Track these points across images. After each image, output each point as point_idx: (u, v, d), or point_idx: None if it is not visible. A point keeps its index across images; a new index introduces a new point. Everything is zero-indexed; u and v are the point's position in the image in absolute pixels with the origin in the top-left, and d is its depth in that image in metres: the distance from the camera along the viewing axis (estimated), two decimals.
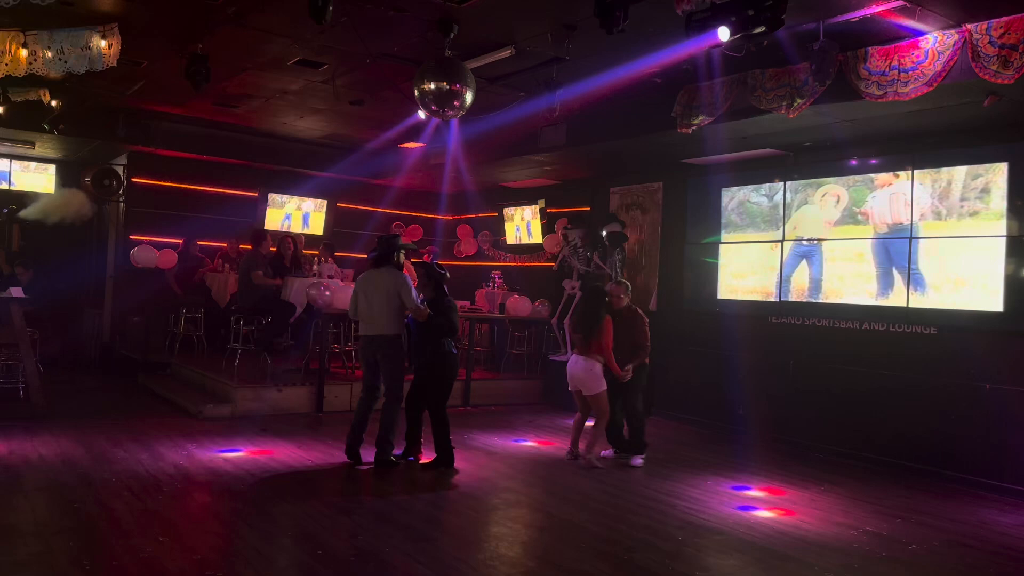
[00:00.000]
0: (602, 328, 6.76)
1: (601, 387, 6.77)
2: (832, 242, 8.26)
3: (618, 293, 7.10)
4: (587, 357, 6.79)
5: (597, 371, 6.76)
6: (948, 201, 7.34)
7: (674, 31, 5.84)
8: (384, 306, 6.52)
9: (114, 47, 6.55)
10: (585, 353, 6.81)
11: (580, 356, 6.85)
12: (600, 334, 6.76)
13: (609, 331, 6.78)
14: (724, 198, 9.39)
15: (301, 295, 9.26)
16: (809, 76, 6.46)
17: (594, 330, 6.79)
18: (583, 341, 6.89)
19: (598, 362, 6.77)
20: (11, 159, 11.66)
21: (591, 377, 6.76)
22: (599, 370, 6.76)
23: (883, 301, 7.78)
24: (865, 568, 4.68)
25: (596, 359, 6.77)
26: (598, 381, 6.76)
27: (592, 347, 6.78)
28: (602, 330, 6.76)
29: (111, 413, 8.19)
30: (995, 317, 6.93)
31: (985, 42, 5.63)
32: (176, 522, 4.92)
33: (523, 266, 12.93)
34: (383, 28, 6.80)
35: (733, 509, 5.86)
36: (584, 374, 6.79)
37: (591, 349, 6.78)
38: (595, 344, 6.77)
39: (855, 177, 8.12)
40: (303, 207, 13.03)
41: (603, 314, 6.82)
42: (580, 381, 6.84)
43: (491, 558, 4.56)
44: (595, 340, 6.77)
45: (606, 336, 6.77)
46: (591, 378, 6.76)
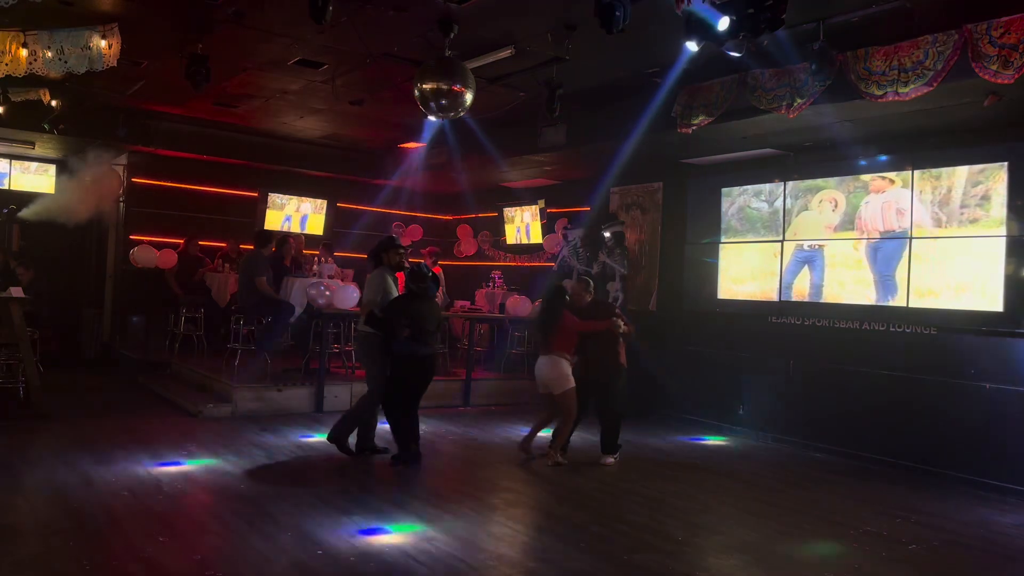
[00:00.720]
0: (560, 325, 6.71)
1: (568, 385, 6.70)
2: (833, 248, 8.23)
3: (579, 291, 7.01)
4: (551, 356, 6.73)
5: (563, 369, 6.70)
6: (948, 208, 7.32)
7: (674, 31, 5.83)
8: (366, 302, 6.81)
9: (114, 47, 6.56)
10: (548, 352, 6.76)
11: (544, 356, 6.80)
12: (559, 331, 6.71)
13: (570, 319, 6.72)
14: (724, 201, 9.38)
15: (301, 295, 9.25)
16: (809, 76, 6.46)
17: (552, 328, 6.74)
18: (544, 340, 6.85)
19: (563, 360, 6.71)
20: (11, 159, 11.66)
21: (558, 376, 6.70)
22: (565, 368, 6.70)
23: (883, 302, 7.78)
24: (865, 568, 4.68)
25: (561, 357, 6.71)
26: (564, 380, 6.69)
27: (554, 345, 6.73)
28: (561, 327, 6.71)
29: (111, 413, 8.18)
30: (995, 317, 6.92)
31: (985, 42, 5.63)
32: (176, 522, 4.92)
33: (523, 266, 12.93)
34: (383, 28, 6.80)
35: (734, 509, 5.86)
36: (550, 373, 6.73)
37: (553, 348, 6.73)
38: (556, 342, 6.72)
39: (853, 184, 8.11)
40: (303, 208, 13.02)
41: (560, 310, 6.76)
42: (547, 381, 6.78)
43: (491, 558, 4.55)
44: (554, 338, 6.72)
45: (567, 326, 6.70)
46: (558, 377, 6.70)
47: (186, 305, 10.80)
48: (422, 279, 6.57)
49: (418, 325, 6.42)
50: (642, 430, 8.48)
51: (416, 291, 6.56)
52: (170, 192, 11.83)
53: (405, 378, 6.51)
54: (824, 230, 8.35)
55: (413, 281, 6.57)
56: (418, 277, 6.58)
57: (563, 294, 6.95)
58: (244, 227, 12.04)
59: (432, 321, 6.59)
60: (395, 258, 6.92)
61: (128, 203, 11.77)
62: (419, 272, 6.62)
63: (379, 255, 6.92)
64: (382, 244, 6.99)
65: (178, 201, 11.87)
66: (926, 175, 7.51)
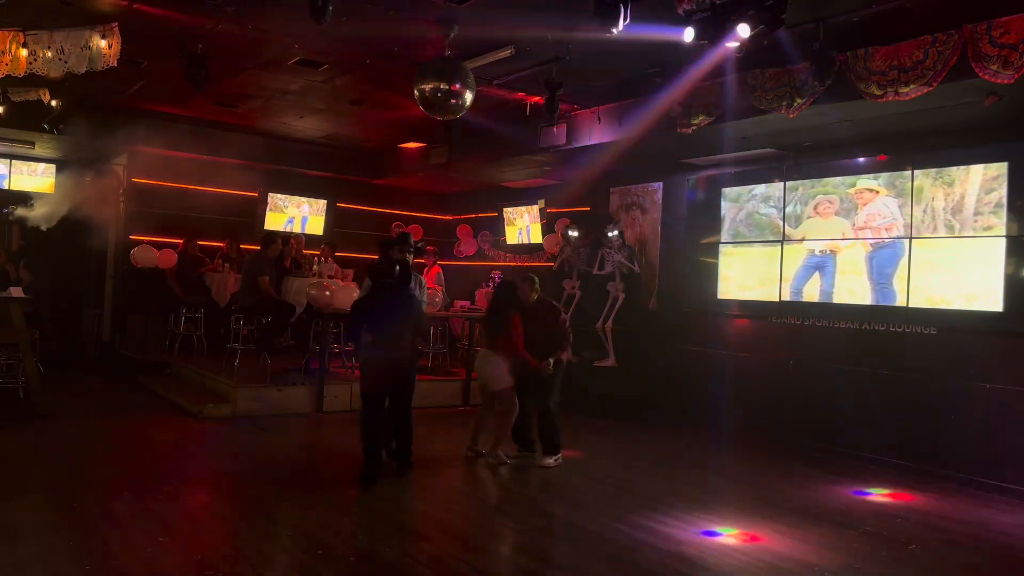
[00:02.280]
0: (508, 324, 6.59)
1: (505, 383, 6.64)
2: (844, 254, 8.20)
3: (525, 289, 6.89)
4: (492, 354, 6.67)
5: (501, 367, 6.63)
6: (951, 211, 7.33)
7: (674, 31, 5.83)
8: None
9: (114, 47, 6.55)
10: (491, 349, 6.70)
11: (485, 351, 6.75)
12: (505, 330, 6.59)
13: (517, 327, 6.59)
14: (732, 206, 9.34)
15: (301, 295, 9.26)
16: (809, 76, 6.46)
17: (499, 327, 6.64)
18: (489, 337, 6.77)
19: (503, 360, 6.64)
20: (11, 159, 11.66)
21: (495, 373, 6.64)
22: (503, 366, 6.63)
23: (883, 301, 7.78)
24: (865, 568, 4.68)
25: (502, 355, 6.65)
26: (502, 378, 6.63)
27: (497, 343, 6.65)
28: (508, 326, 6.59)
29: (111, 413, 8.19)
30: (995, 317, 6.92)
31: (985, 42, 5.63)
32: (176, 522, 4.92)
33: (523, 266, 12.92)
34: (383, 28, 6.80)
35: (734, 509, 5.86)
36: (489, 370, 6.68)
37: (496, 345, 6.66)
38: (500, 341, 6.63)
39: (849, 189, 8.11)
40: (303, 210, 13.02)
41: (510, 311, 6.65)
42: (486, 377, 6.74)
43: (491, 558, 4.56)
44: (500, 336, 6.63)
45: (513, 332, 6.58)
46: (495, 374, 6.64)
47: (186, 305, 10.81)
48: (382, 272, 6.08)
49: (377, 326, 5.91)
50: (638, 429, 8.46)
51: (380, 287, 6.09)
52: (170, 192, 11.83)
53: (369, 383, 6.03)
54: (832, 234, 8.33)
55: (372, 275, 6.14)
56: (377, 271, 6.11)
57: (515, 293, 6.83)
58: (244, 227, 12.04)
59: (396, 320, 5.99)
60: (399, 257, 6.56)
61: (128, 203, 11.77)
62: (377, 265, 6.18)
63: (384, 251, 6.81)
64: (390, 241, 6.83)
65: (178, 201, 11.86)
66: (927, 176, 7.51)
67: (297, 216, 12.96)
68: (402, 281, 6.16)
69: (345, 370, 9.61)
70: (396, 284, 6.08)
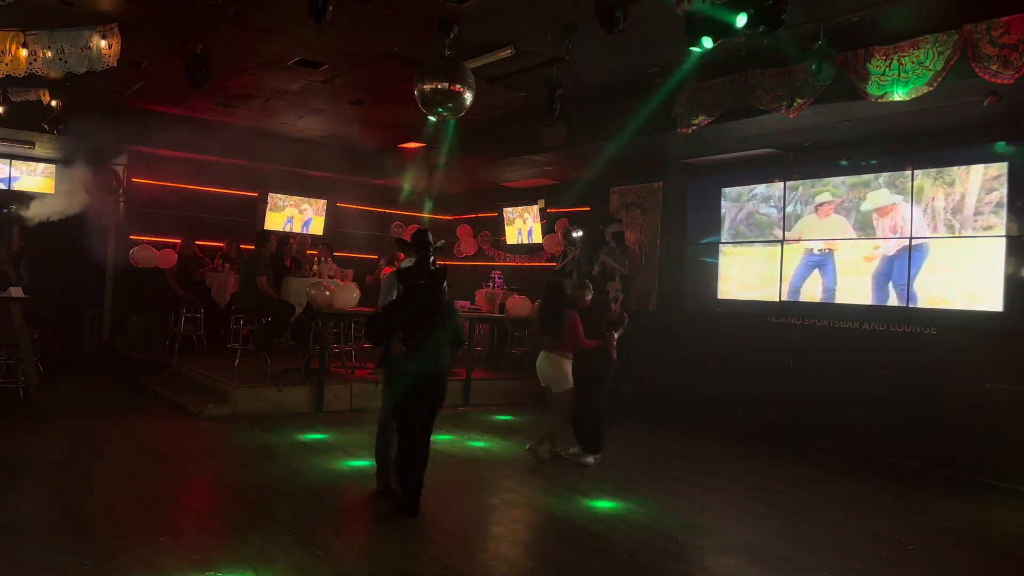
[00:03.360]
0: (567, 323, 6.67)
1: (567, 385, 6.71)
2: (844, 253, 8.22)
3: (580, 294, 7.00)
4: (554, 354, 6.73)
5: (565, 369, 6.71)
6: (952, 211, 7.33)
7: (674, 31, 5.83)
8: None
9: (114, 47, 6.55)
10: (554, 350, 6.75)
11: (547, 353, 6.79)
12: (566, 330, 6.67)
13: (576, 323, 6.68)
14: (731, 206, 9.35)
15: (301, 295, 9.25)
16: (809, 76, 6.46)
17: (560, 328, 6.70)
18: (551, 340, 6.79)
19: (566, 360, 6.71)
20: (11, 159, 11.66)
21: (560, 375, 6.71)
22: (567, 368, 6.71)
23: (883, 301, 7.78)
24: (865, 568, 4.68)
25: (564, 357, 6.71)
26: (565, 379, 6.71)
27: (562, 345, 6.71)
28: (568, 326, 6.66)
29: (111, 413, 8.18)
30: (995, 317, 6.93)
31: (985, 42, 5.63)
32: (176, 522, 4.92)
33: (523, 266, 12.93)
34: (383, 28, 6.80)
35: (734, 509, 5.86)
36: (553, 372, 6.73)
37: (561, 347, 6.72)
38: (565, 340, 6.69)
39: (861, 189, 8.12)
40: (303, 211, 13.02)
41: (566, 311, 6.73)
42: (549, 378, 6.79)
43: (491, 558, 4.56)
44: (563, 336, 6.69)
45: (575, 329, 6.66)
46: (560, 376, 6.71)
47: (186, 305, 10.81)
48: (418, 273, 5.38)
49: (414, 335, 5.21)
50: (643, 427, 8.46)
51: (413, 291, 5.39)
52: (170, 192, 11.83)
53: (400, 400, 5.33)
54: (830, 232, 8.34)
55: (407, 276, 5.42)
56: (413, 271, 5.42)
57: (564, 292, 6.96)
58: (244, 227, 12.03)
59: (438, 330, 5.32)
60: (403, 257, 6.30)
61: (128, 203, 11.77)
62: (417, 265, 5.45)
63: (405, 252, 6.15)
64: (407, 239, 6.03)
65: (178, 201, 11.86)
66: (927, 176, 7.51)
67: (297, 216, 12.96)
68: (438, 285, 5.45)
69: (345, 370, 9.61)
70: (432, 288, 5.39)
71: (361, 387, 9.12)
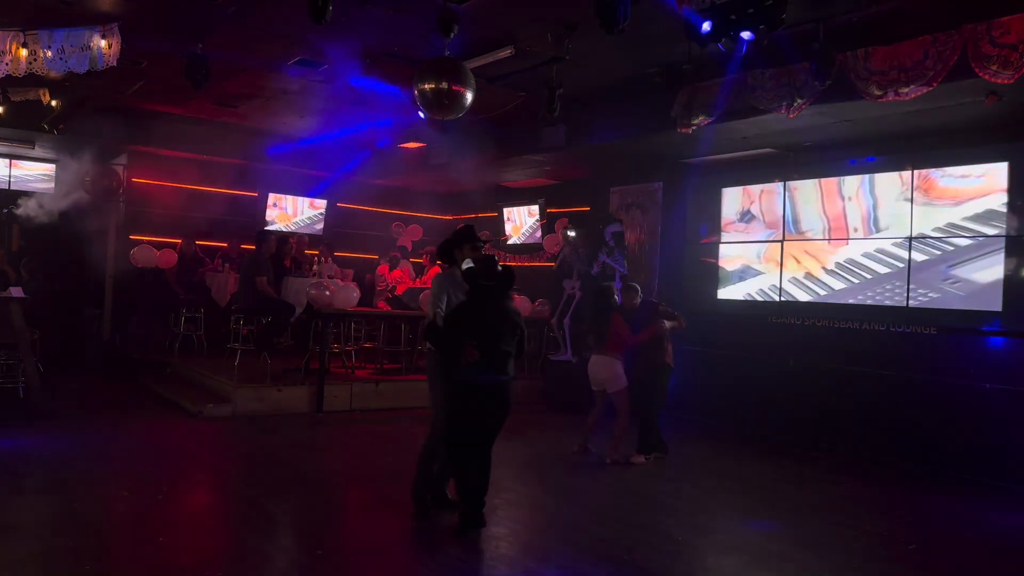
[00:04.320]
0: (612, 325, 6.85)
1: (622, 384, 6.87)
2: (832, 250, 8.25)
3: (631, 297, 7.23)
4: (605, 355, 6.88)
5: (617, 369, 6.86)
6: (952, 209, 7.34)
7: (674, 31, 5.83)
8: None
9: (114, 47, 6.55)
10: (602, 352, 6.91)
11: (599, 355, 6.94)
12: (612, 331, 6.84)
13: (619, 324, 6.87)
14: (731, 206, 9.35)
15: (301, 295, 9.25)
16: (809, 76, 6.46)
17: (605, 328, 6.88)
18: (597, 341, 6.98)
19: (617, 360, 6.86)
20: (11, 159, 11.66)
21: (611, 375, 6.86)
22: (619, 368, 6.86)
23: (883, 301, 7.79)
24: (865, 568, 4.68)
25: (615, 357, 6.86)
26: (619, 379, 6.86)
27: (607, 346, 6.87)
28: (613, 327, 6.85)
29: (111, 413, 8.18)
30: (995, 317, 6.92)
31: (985, 42, 5.63)
32: (176, 522, 4.92)
33: (523, 266, 12.92)
34: (383, 28, 6.80)
35: (734, 509, 5.86)
36: (604, 372, 6.89)
37: (606, 348, 6.88)
38: (609, 344, 6.85)
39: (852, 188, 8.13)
40: (303, 211, 13.02)
41: (610, 312, 6.94)
42: (601, 380, 6.95)
43: (491, 558, 4.56)
44: (607, 339, 6.86)
45: (617, 329, 6.84)
46: (612, 376, 6.86)
47: (186, 305, 10.80)
48: (489, 274, 4.99)
49: (484, 342, 4.85)
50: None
51: (480, 294, 4.99)
52: (170, 192, 11.83)
53: (466, 414, 4.93)
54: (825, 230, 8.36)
55: (477, 278, 5.01)
56: (481, 272, 5.01)
57: (610, 296, 7.14)
58: (244, 227, 12.03)
59: (506, 336, 4.97)
60: (464, 256, 5.33)
61: (128, 203, 11.77)
62: (483, 266, 5.07)
63: (451, 251, 5.40)
64: (455, 236, 5.47)
65: (178, 201, 11.86)
66: (927, 176, 7.51)
67: (297, 216, 12.96)
68: (509, 287, 5.13)
69: (345, 370, 9.61)
70: (502, 291, 5.06)
71: (361, 387, 9.13)
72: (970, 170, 7.21)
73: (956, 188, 7.29)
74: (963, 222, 7.24)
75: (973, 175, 7.19)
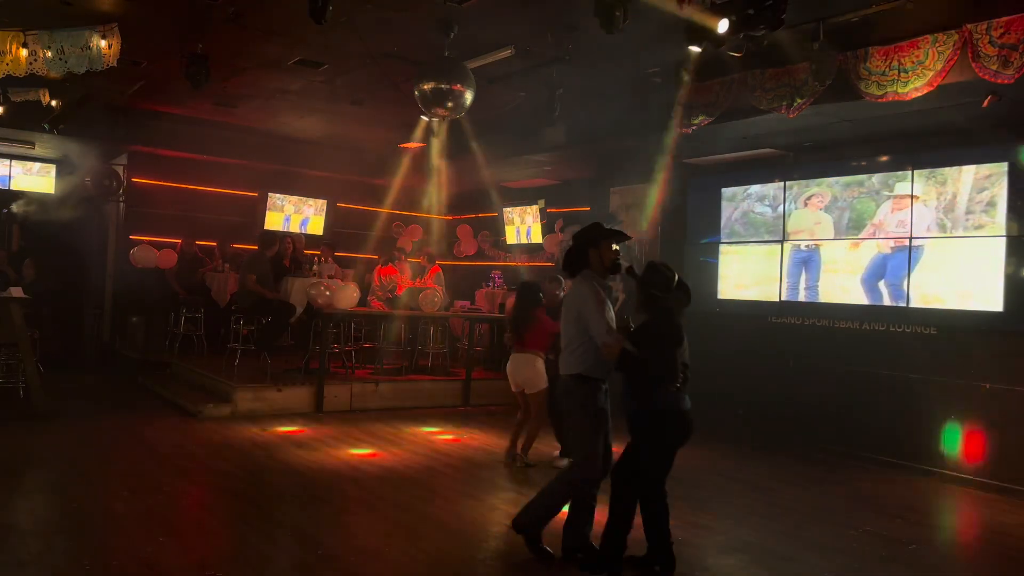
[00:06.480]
0: (534, 323, 6.51)
1: (541, 385, 6.56)
2: (830, 250, 8.24)
3: (553, 291, 6.85)
4: (526, 353, 6.57)
5: (538, 368, 6.55)
6: (953, 213, 7.33)
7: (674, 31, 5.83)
8: (565, 332, 4.55)
9: (114, 47, 6.56)
10: (523, 350, 6.60)
11: (518, 353, 6.63)
12: (533, 329, 6.51)
13: (543, 319, 6.50)
14: (729, 205, 9.35)
15: (301, 295, 9.25)
16: (809, 76, 6.46)
17: (526, 326, 6.56)
18: (517, 338, 6.66)
19: (539, 357, 6.56)
20: (11, 159, 11.67)
21: (532, 375, 6.56)
22: (540, 366, 6.56)
23: (883, 301, 7.79)
24: (865, 568, 4.68)
25: (536, 354, 6.56)
26: (539, 379, 6.56)
27: (528, 343, 6.57)
28: (534, 325, 6.51)
29: (111, 413, 8.18)
30: (995, 317, 6.92)
31: (985, 42, 5.63)
32: (176, 522, 4.92)
33: (523, 266, 12.93)
34: (383, 28, 6.80)
35: (734, 509, 5.86)
36: (524, 372, 6.58)
37: (527, 346, 6.57)
38: (530, 340, 6.55)
39: (857, 189, 8.12)
40: (303, 210, 13.02)
41: (534, 309, 6.58)
42: (520, 380, 6.63)
43: (491, 558, 4.55)
44: (529, 336, 6.55)
45: (541, 325, 6.49)
46: (532, 376, 6.56)
47: (186, 305, 10.81)
48: (667, 283, 4.45)
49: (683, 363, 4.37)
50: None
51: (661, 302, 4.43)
52: (170, 192, 11.84)
53: (649, 445, 4.37)
54: (821, 230, 8.36)
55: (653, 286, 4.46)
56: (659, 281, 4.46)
57: (535, 291, 6.76)
58: (244, 227, 12.04)
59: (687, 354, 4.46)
60: (610, 257, 4.56)
61: (128, 203, 11.77)
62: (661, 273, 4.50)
63: (584, 251, 4.56)
64: (587, 236, 4.60)
65: (178, 201, 11.87)
66: (931, 181, 7.51)
67: (297, 216, 12.97)
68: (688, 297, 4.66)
69: (345, 370, 9.61)
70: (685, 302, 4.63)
71: (361, 387, 9.13)
72: (970, 170, 7.20)
73: (956, 188, 7.29)
74: (963, 222, 7.23)
75: (973, 175, 7.18)
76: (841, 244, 8.17)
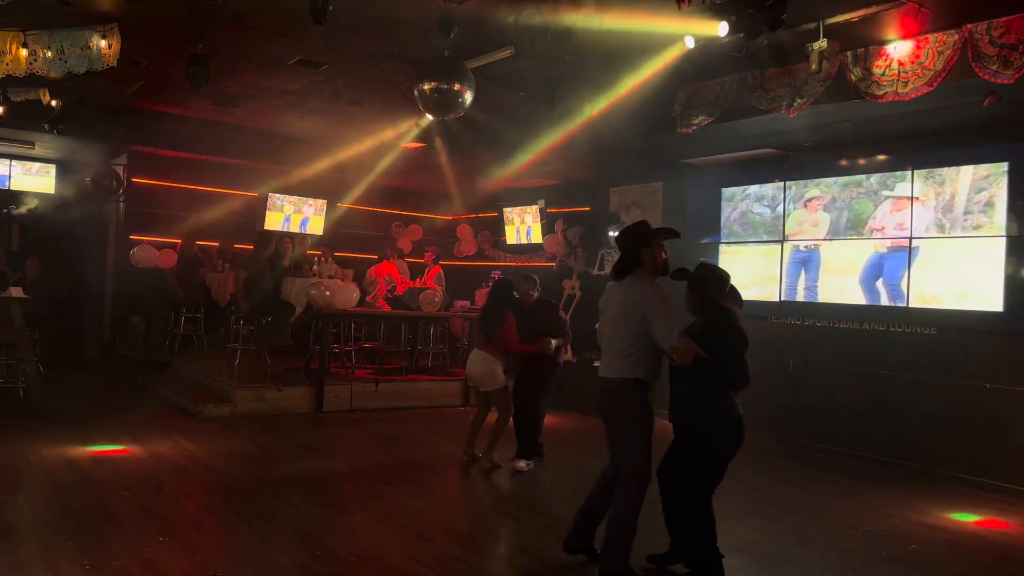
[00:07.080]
0: (503, 324, 6.44)
1: (498, 384, 6.51)
2: (829, 251, 8.23)
3: (527, 290, 6.75)
4: (486, 353, 6.52)
5: (494, 368, 6.50)
6: (952, 213, 7.33)
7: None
8: (617, 334, 4.34)
9: (114, 47, 6.55)
10: (484, 348, 6.55)
11: (479, 351, 6.58)
12: (500, 330, 6.45)
13: (511, 326, 6.45)
14: (728, 205, 9.35)
15: (301, 295, 9.25)
16: (809, 76, 6.46)
17: (494, 326, 6.50)
18: (483, 336, 6.61)
19: (496, 362, 6.49)
20: (11, 159, 11.67)
21: (487, 373, 6.50)
22: (497, 369, 6.50)
23: (883, 301, 7.79)
24: (865, 568, 4.68)
25: (495, 358, 6.50)
26: (494, 377, 6.50)
27: (492, 342, 6.52)
28: (503, 326, 6.44)
29: (111, 413, 8.18)
30: (995, 317, 6.92)
31: (985, 42, 5.63)
32: (176, 522, 4.92)
33: (523, 266, 12.93)
34: (383, 28, 6.80)
35: (735, 509, 5.86)
36: (480, 369, 6.54)
37: (490, 344, 6.53)
38: (495, 340, 6.50)
39: (855, 189, 8.12)
40: (303, 210, 13.02)
41: (505, 310, 6.51)
42: (476, 376, 6.58)
43: (490, 558, 4.55)
44: (495, 335, 6.50)
45: (507, 332, 6.44)
46: (487, 374, 6.50)
47: (186, 305, 10.81)
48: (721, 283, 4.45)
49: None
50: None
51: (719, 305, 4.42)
52: (170, 192, 11.84)
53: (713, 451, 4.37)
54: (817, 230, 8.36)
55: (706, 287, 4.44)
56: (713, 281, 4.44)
57: (510, 290, 6.68)
58: (244, 227, 12.04)
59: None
60: (663, 257, 4.39)
61: (128, 203, 11.77)
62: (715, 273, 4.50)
63: (638, 251, 4.32)
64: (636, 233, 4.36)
65: (178, 201, 11.87)
66: (930, 181, 7.51)
67: (297, 216, 12.97)
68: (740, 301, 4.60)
69: (345, 370, 9.61)
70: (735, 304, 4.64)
71: (361, 387, 9.13)
72: (968, 170, 7.20)
73: (954, 188, 7.29)
74: (961, 222, 7.23)
75: (971, 175, 7.18)
76: (840, 244, 8.18)
